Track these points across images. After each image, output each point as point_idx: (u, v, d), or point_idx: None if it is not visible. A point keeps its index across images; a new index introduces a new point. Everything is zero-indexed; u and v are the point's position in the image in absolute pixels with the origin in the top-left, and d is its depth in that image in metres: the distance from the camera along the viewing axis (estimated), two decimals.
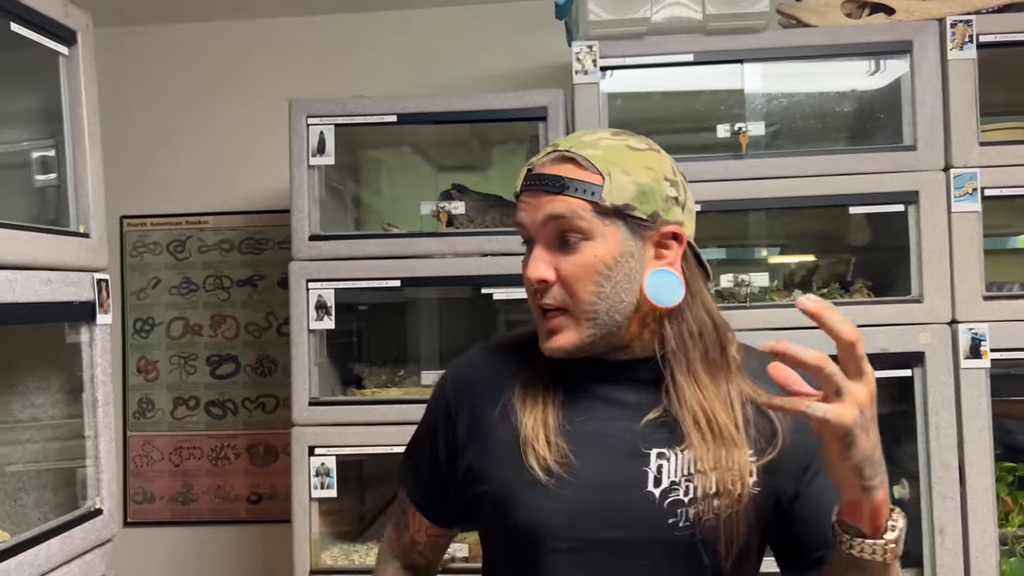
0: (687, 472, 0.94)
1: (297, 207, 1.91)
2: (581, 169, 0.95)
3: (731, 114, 1.88)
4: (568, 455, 0.95)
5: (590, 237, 0.94)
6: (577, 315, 0.95)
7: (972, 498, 1.72)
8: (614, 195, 0.94)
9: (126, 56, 2.56)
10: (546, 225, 0.95)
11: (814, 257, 2.11)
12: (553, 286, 0.95)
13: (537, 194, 0.96)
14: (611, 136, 0.99)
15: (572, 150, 0.96)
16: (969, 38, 1.75)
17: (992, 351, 1.73)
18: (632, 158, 0.96)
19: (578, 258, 0.94)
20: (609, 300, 0.95)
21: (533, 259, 0.96)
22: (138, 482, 2.56)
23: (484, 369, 1.07)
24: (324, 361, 1.96)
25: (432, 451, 1.09)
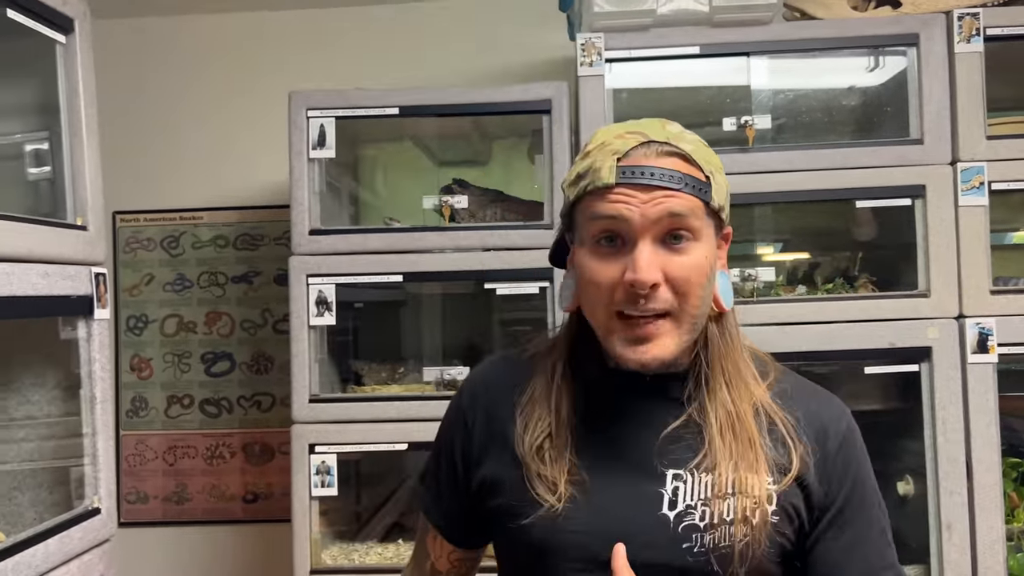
0: (704, 496, 0.91)
1: (297, 201, 1.88)
2: (690, 165, 0.90)
3: (737, 108, 1.86)
4: (581, 474, 0.93)
5: (699, 238, 0.90)
6: (681, 320, 0.90)
7: (979, 493, 1.71)
8: (719, 195, 0.91)
9: (120, 48, 2.52)
10: (660, 222, 0.88)
11: (820, 252, 2.09)
12: (659, 288, 0.88)
13: (645, 188, 0.88)
14: (683, 129, 0.95)
15: (672, 142, 0.90)
16: (976, 31, 1.74)
17: (999, 346, 1.72)
18: (714, 157, 0.93)
19: (689, 260, 0.89)
20: (706, 303, 0.92)
21: (643, 258, 0.87)
22: (131, 482, 2.52)
23: (500, 381, 1.03)
24: (324, 358, 1.93)
25: (450, 466, 1.05)
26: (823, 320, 1.77)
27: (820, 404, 0.99)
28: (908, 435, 1.84)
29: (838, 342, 1.76)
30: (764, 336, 1.75)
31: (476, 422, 1.02)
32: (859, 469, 0.97)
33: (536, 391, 0.98)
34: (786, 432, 0.94)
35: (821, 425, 0.96)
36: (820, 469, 0.94)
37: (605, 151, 0.91)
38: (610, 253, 0.90)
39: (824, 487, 0.94)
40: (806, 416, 0.96)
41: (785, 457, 0.93)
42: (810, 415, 0.96)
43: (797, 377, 1.02)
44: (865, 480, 0.98)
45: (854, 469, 0.96)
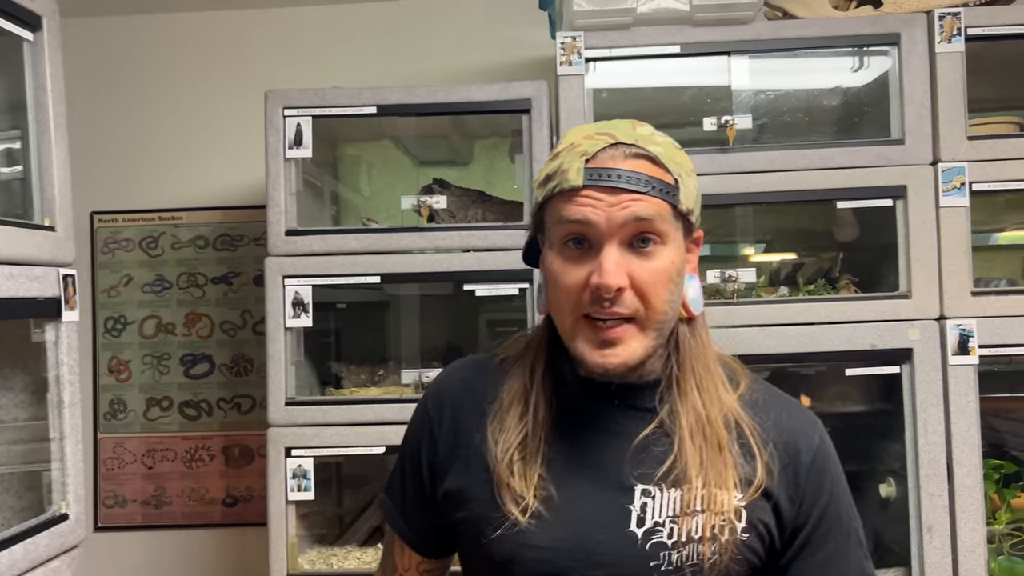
0: (672, 513, 0.89)
1: (273, 201, 1.85)
2: (658, 168, 0.89)
3: (718, 108, 1.85)
4: (550, 487, 0.91)
5: (665, 242, 0.89)
6: (647, 325, 0.89)
7: (960, 496, 1.70)
8: (687, 199, 0.90)
9: (98, 48, 2.49)
10: (626, 226, 0.87)
11: (801, 253, 2.08)
12: (625, 293, 0.87)
13: (612, 191, 0.87)
14: (655, 131, 0.93)
15: (640, 144, 0.89)
16: (957, 31, 1.73)
17: (980, 347, 1.71)
18: (685, 159, 0.93)
19: (655, 264, 0.88)
20: (674, 308, 0.91)
21: (610, 263, 0.86)
22: (109, 485, 2.49)
23: (467, 387, 1.01)
24: (301, 360, 1.91)
25: (415, 476, 1.02)
26: (804, 321, 1.76)
27: (792, 418, 0.97)
28: (891, 437, 1.83)
29: (819, 343, 1.74)
30: (745, 337, 1.75)
31: (442, 431, 0.99)
32: (834, 484, 0.96)
33: (508, 399, 0.96)
34: (753, 442, 0.93)
35: (793, 440, 0.95)
36: (792, 486, 0.93)
37: (573, 152, 0.89)
38: (577, 256, 0.89)
39: (797, 505, 0.93)
40: (777, 429, 0.95)
41: (751, 468, 0.92)
42: (781, 429, 0.95)
43: (767, 386, 1.00)
44: (841, 494, 0.96)
45: (828, 484, 0.95)
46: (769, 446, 0.93)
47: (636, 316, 0.88)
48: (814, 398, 1.98)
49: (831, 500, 0.95)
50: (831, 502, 0.95)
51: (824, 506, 0.94)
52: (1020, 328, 1.72)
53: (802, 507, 0.93)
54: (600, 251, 0.87)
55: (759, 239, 2.09)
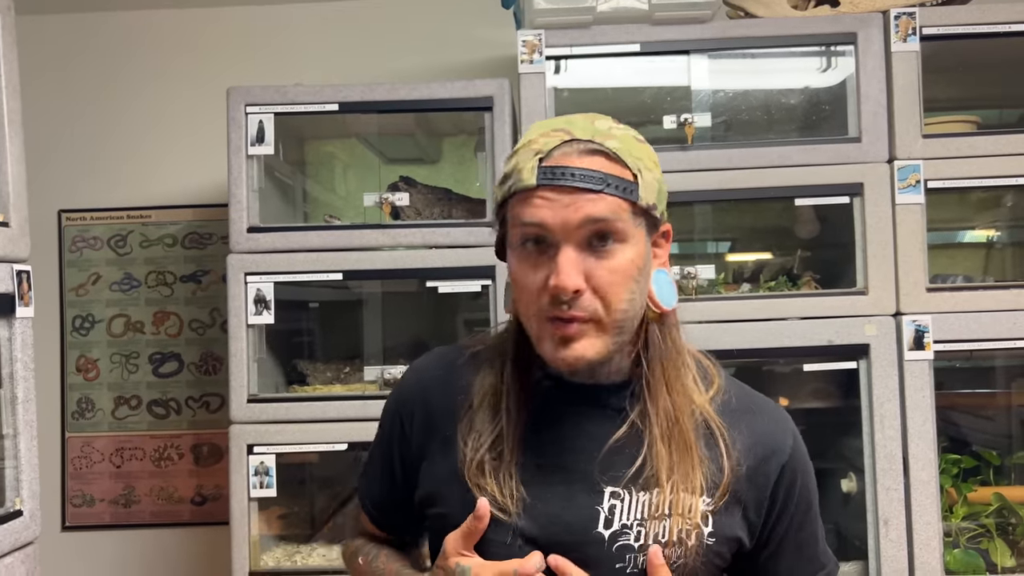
0: (640, 516, 0.89)
1: (235, 198, 1.86)
2: (614, 164, 0.86)
3: (678, 106, 1.86)
4: (520, 488, 0.90)
5: (625, 240, 0.86)
6: (606, 324, 0.87)
7: (916, 490, 1.72)
8: (647, 193, 0.87)
9: (66, 45, 2.49)
10: (583, 227, 0.84)
11: (763, 250, 2.10)
12: (583, 294, 0.85)
13: (567, 191, 0.84)
14: (615, 123, 0.91)
15: (596, 140, 0.86)
16: (913, 30, 1.75)
17: (935, 343, 1.73)
18: (645, 151, 0.90)
19: (614, 264, 0.86)
20: (636, 307, 0.89)
21: (565, 265, 0.84)
22: (77, 485, 2.48)
23: (439, 383, 1.00)
24: (264, 357, 1.91)
25: (386, 468, 1.03)
26: (763, 318, 1.77)
27: (765, 421, 0.96)
28: (852, 432, 1.85)
29: (778, 339, 1.76)
30: (705, 333, 1.76)
31: (414, 427, 0.99)
32: (804, 489, 0.96)
33: (478, 399, 0.95)
34: (723, 445, 0.92)
35: (765, 443, 0.94)
36: (762, 490, 0.93)
37: (529, 151, 0.88)
38: (535, 258, 0.88)
39: (766, 509, 0.93)
40: (749, 432, 0.94)
41: (719, 471, 0.91)
42: (755, 433, 0.94)
43: (741, 386, 0.99)
44: (812, 498, 0.97)
45: (799, 488, 0.95)
46: (739, 450, 0.92)
47: (595, 317, 0.86)
48: (784, 395, 2.00)
49: (802, 504, 0.95)
50: (802, 505, 0.95)
51: (796, 510, 0.95)
52: (975, 324, 1.74)
53: (772, 512, 0.93)
54: (558, 252, 0.85)
55: (721, 237, 2.10)
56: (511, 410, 0.93)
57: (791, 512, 0.95)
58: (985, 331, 1.74)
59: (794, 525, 0.95)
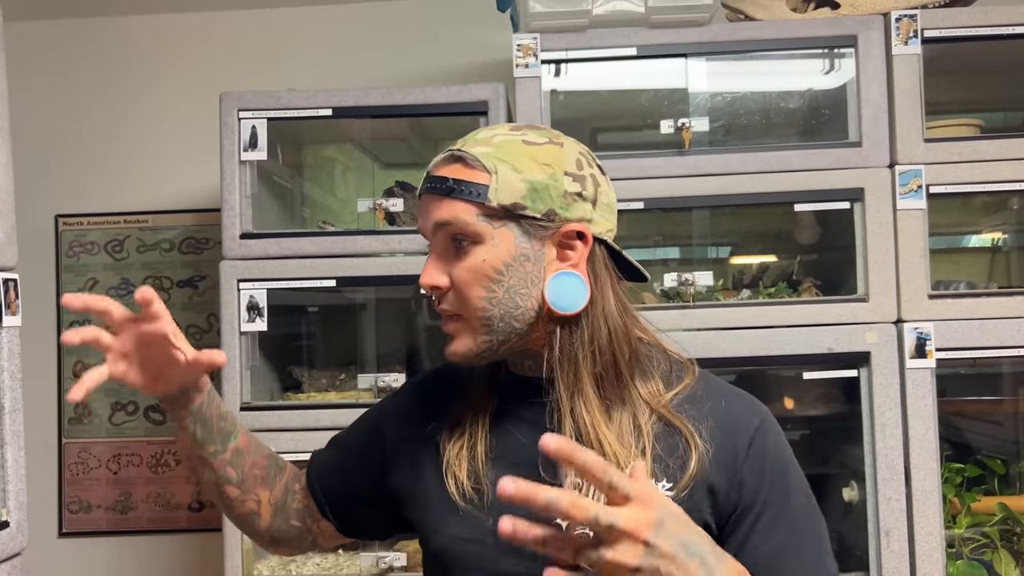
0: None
1: (228, 204, 1.84)
2: (468, 169, 0.90)
3: (675, 110, 1.84)
4: (486, 484, 0.93)
5: (480, 241, 0.90)
6: (471, 321, 0.92)
7: (918, 500, 1.69)
8: (501, 195, 0.88)
9: (63, 50, 2.48)
10: (436, 232, 0.91)
11: (763, 255, 2.08)
12: (448, 292, 0.92)
13: (429, 197, 0.92)
14: (508, 131, 0.93)
15: (462, 148, 0.91)
16: (914, 33, 1.73)
17: (938, 350, 1.70)
18: (525, 153, 0.90)
19: (468, 262, 0.90)
20: (503, 306, 0.90)
21: (426, 265, 0.94)
22: (74, 491, 2.47)
23: (420, 399, 1.06)
24: (258, 364, 1.89)
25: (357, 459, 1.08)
26: (762, 325, 1.75)
27: (731, 402, 0.95)
28: (854, 441, 1.82)
29: (777, 347, 1.73)
30: (702, 341, 1.74)
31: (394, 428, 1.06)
32: (776, 465, 0.92)
33: (453, 408, 1.00)
34: (687, 435, 0.91)
35: (730, 422, 0.93)
36: (729, 470, 0.91)
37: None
38: None
39: (735, 488, 0.90)
40: (714, 414, 0.93)
41: (684, 463, 0.90)
42: (718, 412, 0.93)
43: (715, 381, 0.99)
44: (785, 477, 0.93)
45: (770, 465, 0.92)
46: (705, 437, 0.91)
47: (458, 313, 0.92)
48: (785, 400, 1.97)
49: (774, 483, 0.91)
50: (775, 485, 0.91)
51: (768, 489, 0.91)
52: (978, 331, 1.71)
53: (742, 491, 0.90)
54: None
55: (720, 242, 2.08)
56: (481, 413, 0.97)
57: (763, 495, 0.90)
58: (988, 338, 1.71)
59: (767, 516, 0.90)
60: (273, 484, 1.09)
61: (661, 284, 1.80)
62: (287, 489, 1.11)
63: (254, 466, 1.07)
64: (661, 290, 1.84)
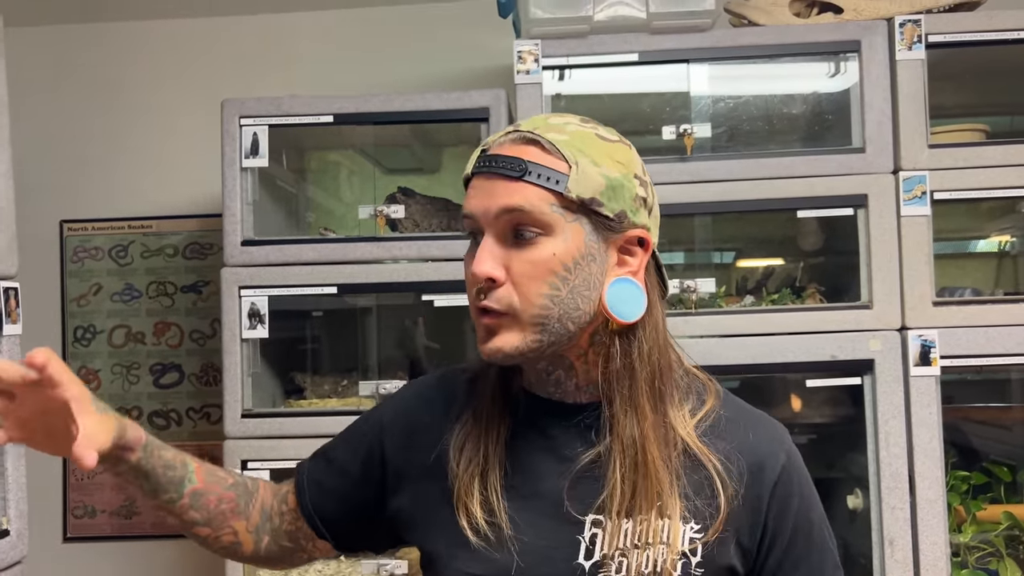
0: (622, 546, 0.85)
1: (229, 211, 1.84)
2: (546, 154, 0.83)
3: (677, 116, 1.83)
4: (503, 515, 0.87)
5: (549, 233, 0.82)
6: (522, 318, 0.83)
7: (922, 508, 1.68)
8: (581, 186, 0.82)
9: (67, 56, 2.49)
10: (500, 217, 0.83)
11: (766, 261, 2.07)
12: (501, 287, 0.83)
13: (492, 178, 0.83)
14: (580, 122, 0.87)
15: (536, 131, 0.84)
16: (918, 38, 1.71)
17: (942, 358, 1.69)
18: (602, 148, 0.85)
19: (533, 255, 0.82)
20: (564, 306, 0.83)
21: (481, 251, 0.83)
22: (79, 496, 2.48)
23: (425, 407, 0.98)
24: (259, 371, 1.89)
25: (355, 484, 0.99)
26: (765, 332, 1.74)
27: (757, 436, 0.90)
28: (858, 448, 1.81)
29: (780, 354, 1.72)
30: (706, 348, 1.73)
31: (394, 449, 0.97)
32: (802, 503, 0.90)
33: (470, 421, 0.93)
34: (715, 475, 0.87)
35: (756, 460, 0.89)
36: (755, 511, 0.88)
37: (481, 146, 0.88)
38: (473, 249, 0.87)
39: (760, 529, 0.88)
40: (740, 450, 0.88)
41: (711, 504, 0.86)
42: (745, 449, 0.89)
43: (737, 404, 0.94)
44: (810, 514, 0.91)
45: (795, 504, 0.89)
46: (731, 476, 0.87)
47: (510, 310, 0.83)
48: (789, 406, 1.96)
49: (800, 521, 0.90)
50: (801, 523, 0.90)
51: (794, 529, 0.89)
52: (983, 338, 1.69)
53: (767, 531, 0.88)
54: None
55: (723, 248, 2.07)
56: (496, 430, 0.90)
57: (787, 535, 0.89)
58: (994, 346, 1.69)
59: (792, 553, 0.89)
60: (247, 512, 1.01)
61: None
62: (266, 511, 1.02)
63: (220, 501, 0.98)
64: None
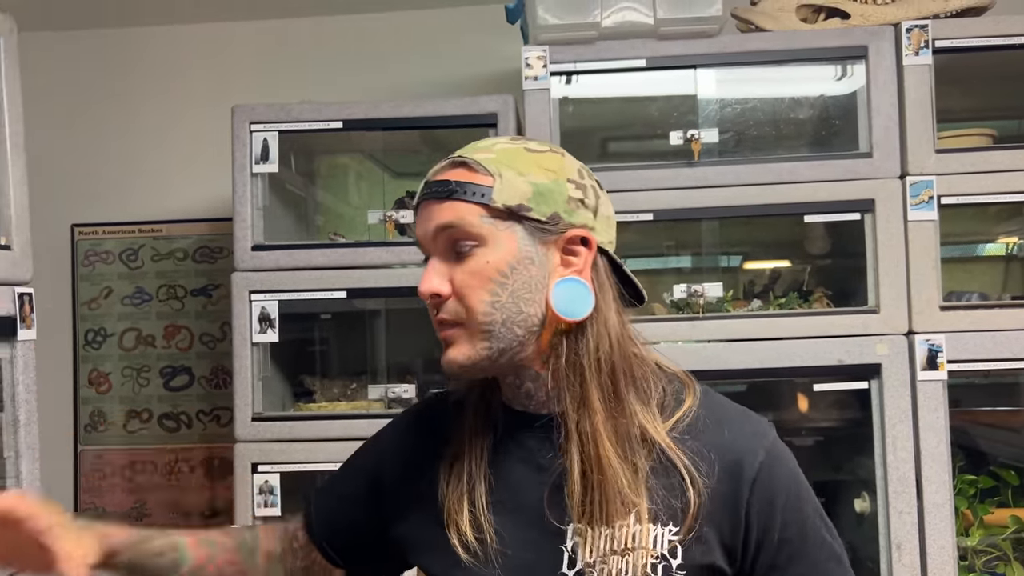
0: (603, 553, 0.85)
1: (239, 216, 1.86)
2: (471, 172, 0.87)
3: (684, 120, 1.84)
4: (489, 531, 0.89)
5: (483, 243, 0.86)
6: (471, 328, 0.87)
7: (929, 512, 1.68)
8: (506, 195, 0.86)
9: (79, 61, 2.51)
10: (437, 237, 0.87)
11: (773, 266, 2.07)
12: (448, 299, 0.87)
13: (429, 203, 0.89)
14: (509, 141, 0.92)
15: (464, 155, 0.89)
16: (925, 43, 1.72)
17: (950, 362, 1.69)
18: (528, 158, 0.89)
19: (471, 265, 0.86)
20: (506, 310, 0.86)
21: (426, 272, 0.89)
22: (89, 497, 2.50)
23: (423, 432, 1.00)
24: (269, 375, 1.91)
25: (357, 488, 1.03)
26: (772, 336, 1.74)
27: (734, 433, 0.89)
28: (865, 451, 1.81)
29: (787, 358, 1.73)
30: (711, 352, 1.74)
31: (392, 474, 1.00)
32: (789, 499, 0.88)
33: (452, 446, 0.95)
34: (685, 472, 0.86)
35: (735, 458, 0.87)
36: (735, 509, 0.87)
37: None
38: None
39: (743, 528, 0.87)
40: (715, 448, 0.87)
41: (682, 503, 0.86)
42: (720, 446, 0.88)
43: (713, 400, 0.94)
44: (801, 507, 0.89)
45: (782, 500, 0.88)
46: (705, 473, 0.87)
47: (458, 320, 0.87)
48: (796, 408, 1.97)
49: (788, 522, 0.88)
50: (789, 519, 0.88)
51: (780, 528, 0.87)
52: (990, 342, 1.70)
53: (751, 528, 0.87)
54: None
55: (730, 252, 2.07)
56: (479, 447, 0.93)
57: (777, 531, 0.87)
58: (1001, 350, 1.70)
59: (786, 549, 0.88)
60: (255, 564, 1.03)
61: (671, 295, 1.80)
62: (274, 556, 1.04)
63: (227, 565, 1.01)
64: (671, 301, 1.84)
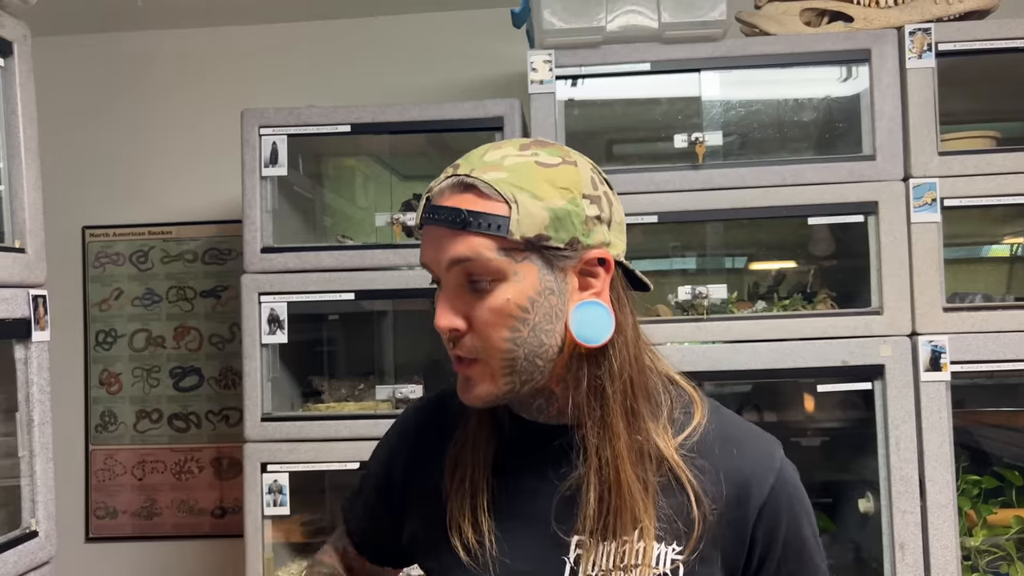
0: (606, 567, 0.85)
1: (249, 219, 1.88)
2: (483, 199, 0.80)
3: (689, 123, 1.86)
4: (490, 537, 0.89)
5: (502, 279, 0.81)
6: (492, 364, 0.84)
7: (933, 513, 1.69)
8: (524, 226, 0.80)
9: (90, 64, 2.54)
10: (451, 268, 0.82)
11: (778, 267, 2.08)
12: (466, 335, 0.83)
13: (437, 230, 0.83)
14: (518, 151, 0.84)
15: (473, 174, 0.82)
16: (928, 46, 1.73)
17: (953, 363, 1.70)
18: (542, 177, 0.82)
19: (491, 303, 0.82)
20: (528, 345, 0.83)
21: (440, 305, 0.84)
22: (100, 497, 2.52)
23: (430, 430, 1.00)
24: (279, 375, 1.93)
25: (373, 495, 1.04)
26: (776, 337, 1.75)
27: (744, 455, 0.88)
28: (869, 452, 1.82)
29: (791, 360, 1.74)
30: (716, 354, 1.75)
31: (403, 474, 1.00)
32: (792, 522, 0.88)
33: (460, 444, 0.95)
34: (691, 492, 0.86)
35: (743, 480, 0.87)
36: (739, 529, 0.87)
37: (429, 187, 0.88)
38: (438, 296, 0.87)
39: (747, 555, 0.87)
40: (725, 469, 0.87)
41: (688, 523, 0.85)
42: (730, 469, 0.87)
43: (726, 418, 0.92)
44: (802, 532, 0.89)
45: (785, 524, 0.88)
46: (712, 494, 0.86)
47: (478, 357, 0.84)
48: (801, 408, 1.98)
49: (789, 545, 0.88)
50: (789, 547, 0.88)
51: (782, 550, 0.87)
52: (993, 344, 1.71)
53: (754, 548, 0.87)
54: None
55: (734, 254, 2.09)
56: (484, 453, 0.92)
57: (778, 553, 0.88)
58: (1004, 351, 1.71)
59: (783, 570, 0.88)
60: None
61: (675, 297, 1.81)
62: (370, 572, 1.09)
63: None
64: (676, 303, 1.85)
